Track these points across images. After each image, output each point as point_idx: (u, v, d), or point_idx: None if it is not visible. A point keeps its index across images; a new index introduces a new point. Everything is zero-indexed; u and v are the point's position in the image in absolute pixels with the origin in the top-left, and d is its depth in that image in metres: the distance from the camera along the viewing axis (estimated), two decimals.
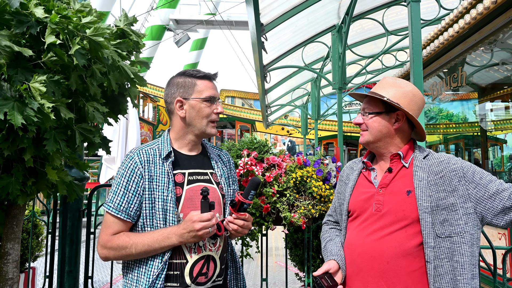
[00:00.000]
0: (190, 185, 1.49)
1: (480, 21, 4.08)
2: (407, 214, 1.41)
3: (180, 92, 1.53)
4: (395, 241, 1.40)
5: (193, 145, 1.58)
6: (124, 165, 1.46)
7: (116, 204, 1.42)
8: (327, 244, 1.61)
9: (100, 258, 1.47)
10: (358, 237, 1.50)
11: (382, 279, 1.40)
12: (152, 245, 1.38)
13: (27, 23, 1.47)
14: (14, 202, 1.79)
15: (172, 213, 1.42)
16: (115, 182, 1.45)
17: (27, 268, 3.53)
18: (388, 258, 1.40)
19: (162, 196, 1.43)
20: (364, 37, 7.71)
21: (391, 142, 1.52)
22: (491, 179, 1.42)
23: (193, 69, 1.59)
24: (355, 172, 1.64)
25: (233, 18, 17.93)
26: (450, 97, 7.82)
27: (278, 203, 2.33)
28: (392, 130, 1.51)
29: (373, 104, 1.53)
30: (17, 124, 1.35)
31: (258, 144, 2.50)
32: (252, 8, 3.76)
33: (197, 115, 1.52)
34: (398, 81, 1.55)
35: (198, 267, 1.44)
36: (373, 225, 1.46)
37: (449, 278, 1.34)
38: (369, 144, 1.56)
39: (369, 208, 1.49)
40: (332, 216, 1.75)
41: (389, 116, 1.51)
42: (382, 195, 1.48)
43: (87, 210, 2.83)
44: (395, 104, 1.47)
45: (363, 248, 1.46)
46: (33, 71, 1.49)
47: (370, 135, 1.52)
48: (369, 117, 1.52)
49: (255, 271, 5.72)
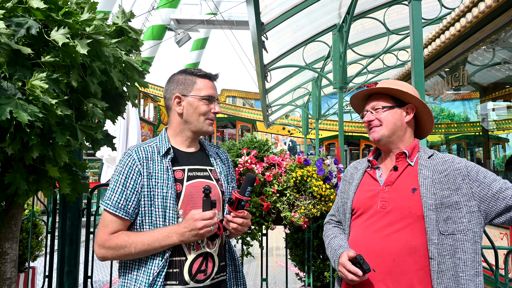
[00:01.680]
0: (190, 181, 1.48)
1: (481, 20, 4.06)
2: (412, 212, 1.42)
3: (179, 89, 1.54)
4: (402, 239, 1.41)
5: (190, 142, 1.58)
6: (122, 163, 1.45)
7: (114, 201, 1.40)
8: (332, 240, 1.61)
9: (97, 258, 1.44)
10: (363, 234, 1.50)
11: (388, 276, 1.40)
12: (152, 244, 1.36)
13: (25, 24, 1.45)
14: (13, 202, 1.78)
15: (172, 209, 1.41)
16: (112, 180, 1.44)
17: (26, 268, 3.53)
18: (394, 256, 1.40)
19: (162, 193, 1.41)
20: (365, 37, 7.69)
21: (403, 137, 1.55)
22: (495, 178, 1.43)
23: (195, 68, 1.59)
24: (359, 171, 1.65)
25: (234, 18, 17.91)
26: (451, 97, 7.80)
27: (278, 202, 2.31)
28: (405, 123, 1.56)
29: (383, 100, 1.57)
30: (24, 121, 1.35)
31: (258, 143, 2.49)
32: (253, 7, 3.75)
33: (194, 112, 1.52)
34: (398, 82, 1.60)
35: (197, 264, 1.43)
36: (379, 222, 1.46)
37: (450, 274, 1.34)
38: (383, 139, 1.55)
39: (374, 206, 1.50)
40: (334, 216, 1.75)
41: (401, 110, 1.56)
42: (387, 192, 1.49)
43: (87, 209, 2.82)
44: (411, 94, 1.52)
45: (368, 245, 1.46)
46: (32, 69, 1.48)
47: (386, 129, 1.54)
48: (383, 111, 1.55)
49: (255, 271, 5.71)
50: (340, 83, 5.96)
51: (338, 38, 6.05)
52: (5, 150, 1.45)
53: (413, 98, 1.53)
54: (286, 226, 2.45)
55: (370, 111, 1.59)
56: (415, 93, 1.56)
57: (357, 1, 5.08)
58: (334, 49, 6.14)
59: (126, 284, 1.41)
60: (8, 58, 1.41)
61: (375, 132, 1.56)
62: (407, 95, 1.53)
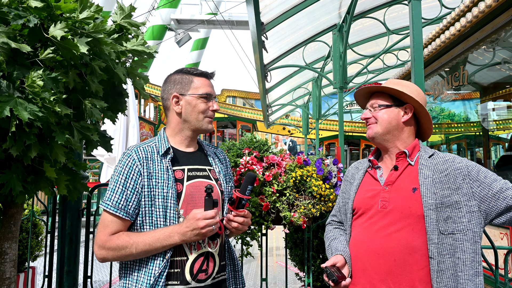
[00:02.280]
0: (190, 181, 1.48)
1: (481, 19, 4.05)
2: (413, 211, 1.42)
3: (176, 88, 1.54)
4: (402, 238, 1.41)
5: (189, 142, 1.58)
6: (121, 163, 1.44)
7: (114, 202, 1.39)
8: (332, 243, 1.61)
9: (97, 259, 1.42)
10: (364, 234, 1.50)
11: (389, 276, 1.40)
12: (154, 244, 1.36)
13: (24, 17, 1.45)
14: (12, 201, 1.78)
15: (173, 209, 1.41)
16: (112, 180, 1.43)
17: (26, 268, 3.53)
18: (395, 256, 1.40)
19: (162, 192, 1.41)
20: (365, 36, 7.68)
21: (399, 136, 1.55)
22: (496, 178, 1.43)
23: (191, 67, 1.59)
24: (360, 171, 1.65)
25: (234, 18, 17.92)
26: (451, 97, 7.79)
27: (278, 202, 2.31)
28: (401, 123, 1.55)
29: (382, 98, 1.58)
30: (24, 119, 1.35)
31: (258, 143, 2.49)
32: (253, 7, 3.75)
33: (193, 111, 1.52)
34: (403, 81, 1.61)
35: (198, 264, 1.43)
36: (379, 222, 1.46)
37: (450, 274, 1.34)
38: (378, 137, 1.57)
39: (374, 205, 1.50)
40: (336, 216, 1.75)
41: (398, 109, 1.56)
42: (388, 192, 1.49)
43: (87, 209, 2.82)
44: (407, 94, 1.52)
45: (369, 245, 1.46)
46: (30, 68, 1.48)
47: (380, 127, 1.55)
48: (379, 109, 1.57)
49: (255, 271, 5.71)
50: (340, 83, 5.96)
51: (338, 38, 6.04)
52: (6, 149, 1.45)
53: (410, 98, 1.53)
54: (286, 226, 2.44)
55: (369, 108, 1.61)
56: (416, 93, 1.55)
57: (357, 1, 5.08)
58: (334, 49, 6.13)
59: (127, 286, 1.41)
60: (7, 57, 1.41)
61: (370, 129, 1.59)
62: (404, 95, 1.53)
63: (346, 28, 5.64)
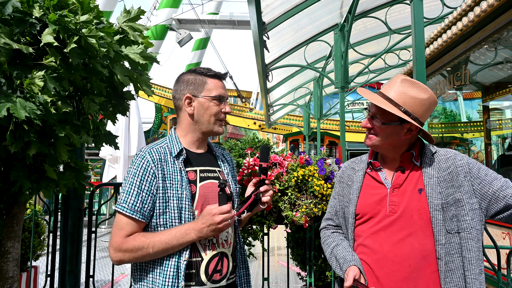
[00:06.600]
0: (202, 182, 1.49)
1: (483, 19, 4.04)
2: (422, 214, 1.39)
3: (189, 89, 1.53)
4: (415, 242, 1.37)
5: (200, 143, 1.58)
6: (136, 164, 1.42)
7: (130, 204, 1.38)
8: (335, 250, 1.53)
9: (113, 262, 1.41)
10: (375, 241, 1.44)
11: (405, 283, 1.36)
12: (170, 242, 1.35)
13: (27, 22, 1.46)
14: (15, 201, 1.79)
15: (188, 210, 1.40)
16: (127, 182, 1.41)
17: (29, 267, 3.54)
18: (410, 261, 1.36)
19: (177, 194, 1.40)
20: (366, 36, 7.67)
21: (400, 146, 1.49)
22: (496, 176, 1.42)
23: (204, 67, 1.57)
24: (358, 172, 1.58)
25: (235, 18, 17.92)
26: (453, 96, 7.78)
27: (280, 202, 2.31)
28: (402, 140, 1.47)
29: (385, 111, 1.43)
30: (21, 117, 1.36)
31: (261, 143, 2.50)
32: (254, 7, 3.74)
33: (205, 113, 1.52)
34: (416, 85, 1.45)
35: (213, 264, 1.42)
36: (389, 227, 1.41)
37: (460, 273, 1.33)
38: (377, 148, 1.52)
39: (382, 210, 1.44)
40: (332, 220, 1.66)
41: (402, 126, 1.44)
42: (395, 195, 1.44)
43: (89, 209, 2.82)
44: (411, 121, 1.40)
45: (382, 252, 1.41)
46: (33, 68, 1.48)
47: (379, 142, 1.48)
48: (382, 125, 1.46)
49: (257, 271, 5.71)
50: (341, 82, 5.95)
51: (339, 38, 6.03)
52: (7, 148, 1.46)
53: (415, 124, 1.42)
54: (288, 226, 2.44)
55: (371, 115, 1.51)
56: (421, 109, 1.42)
57: (359, 1, 5.07)
58: (335, 49, 6.12)
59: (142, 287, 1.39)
60: (8, 58, 1.42)
61: (368, 139, 1.51)
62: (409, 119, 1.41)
63: (348, 27, 5.63)
